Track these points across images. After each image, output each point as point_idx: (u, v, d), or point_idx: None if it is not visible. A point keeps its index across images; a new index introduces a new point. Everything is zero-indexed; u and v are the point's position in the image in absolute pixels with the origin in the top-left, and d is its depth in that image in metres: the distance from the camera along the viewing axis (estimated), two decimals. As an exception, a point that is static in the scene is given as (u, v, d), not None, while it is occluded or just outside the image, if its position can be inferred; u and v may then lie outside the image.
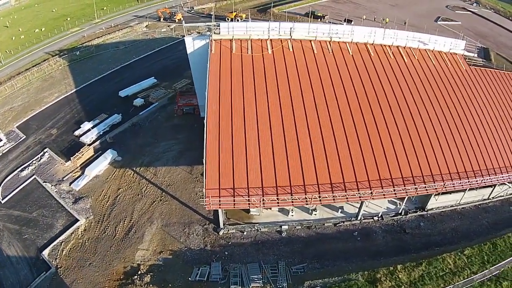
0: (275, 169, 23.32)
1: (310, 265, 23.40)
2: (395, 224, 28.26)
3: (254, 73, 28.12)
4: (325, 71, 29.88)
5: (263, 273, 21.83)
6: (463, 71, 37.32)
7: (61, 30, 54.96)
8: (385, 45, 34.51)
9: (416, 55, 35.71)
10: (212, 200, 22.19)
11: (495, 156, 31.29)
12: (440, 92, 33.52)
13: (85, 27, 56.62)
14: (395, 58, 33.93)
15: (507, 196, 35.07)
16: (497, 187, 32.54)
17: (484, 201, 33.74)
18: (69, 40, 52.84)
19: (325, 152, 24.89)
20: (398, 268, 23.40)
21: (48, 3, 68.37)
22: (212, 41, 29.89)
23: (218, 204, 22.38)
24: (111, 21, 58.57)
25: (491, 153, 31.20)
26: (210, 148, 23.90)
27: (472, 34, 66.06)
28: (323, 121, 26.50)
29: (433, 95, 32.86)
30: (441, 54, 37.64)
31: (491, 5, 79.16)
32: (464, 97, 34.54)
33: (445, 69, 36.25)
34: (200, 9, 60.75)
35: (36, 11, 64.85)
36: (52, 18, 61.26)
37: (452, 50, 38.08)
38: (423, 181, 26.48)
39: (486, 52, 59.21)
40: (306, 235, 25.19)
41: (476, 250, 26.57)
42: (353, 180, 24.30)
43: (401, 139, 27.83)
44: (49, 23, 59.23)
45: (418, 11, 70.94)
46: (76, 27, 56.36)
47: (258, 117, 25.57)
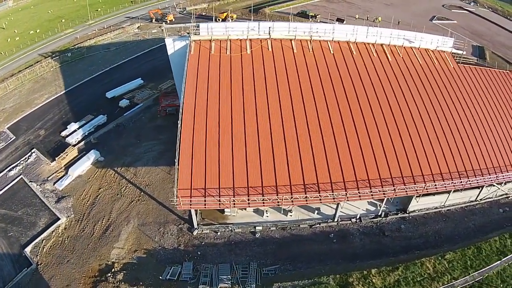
0: (247, 170, 23.60)
1: (282, 266, 23.50)
2: (374, 227, 28.03)
3: (231, 74, 28.48)
4: (303, 70, 30.02)
5: (234, 274, 22.11)
6: (451, 69, 36.87)
7: (55, 32, 56.00)
8: (368, 43, 34.26)
9: (401, 53, 35.30)
10: (183, 200, 22.60)
11: (482, 156, 30.81)
12: (425, 90, 33.09)
13: (78, 28, 57.57)
14: (378, 57, 33.75)
15: (497, 198, 34.03)
16: (484, 189, 32.01)
17: (472, 203, 33.06)
18: (63, 42, 53.79)
19: (299, 153, 25.02)
20: (373, 272, 22.99)
21: (45, 5, 69.62)
22: (192, 42, 30.35)
23: (189, 204, 22.76)
24: (104, 22, 59.46)
25: (478, 153, 30.77)
26: (183, 148, 24.31)
27: (468, 33, 65.49)
28: (299, 121, 26.65)
29: (417, 93, 32.51)
30: (428, 52, 37.21)
31: (489, 5, 78.33)
32: (450, 95, 34.04)
33: (431, 67, 35.89)
34: (193, 10, 61.13)
35: (33, 13, 66.09)
36: (48, 19, 62.37)
37: (439, 48, 37.63)
38: (402, 182, 26.10)
39: (481, 50, 59.10)
40: (280, 236, 25.33)
41: (459, 255, 25.87)
42: (328, 181, 24.29)
43: (380, 139, 27.70)
44: (44, 24, 60.35)
45: (413, 10, 70.48)
46: (70, 29, 57.34)
47: (233, 118, 25.89)
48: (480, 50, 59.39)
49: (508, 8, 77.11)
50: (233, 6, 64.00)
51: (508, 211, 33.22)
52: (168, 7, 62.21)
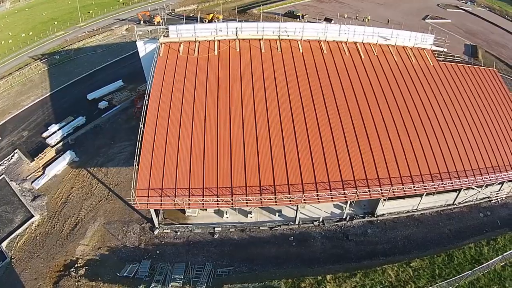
0: (203, 172, 24.58)
1: (237, 268, 24.14)
2: (338, 230, 27.95)
3: (196, 75, 29.45)
4: (270, 70, 30.51)
5: (187, 273, 23.09)
6: (430, 66, 36.48)
7: (46, 34, 58.14)
8: (340, 41, 34.34)
9: (375, 51, 35.15)
10: (140, 200, 23.79)
11: (459, 158, 30.40)
12: (398, 88, 32.76)
13: (69, 30, 59.63)
14: (350, 55, 33.79)
15: (477, 201, 33.24)
16: (463, 192, 31.44)
17: (449, 207, 32.35)
18: (53, 44, 55.87)
19: (257, 154, 25.70)
20: (328, 278, 22.65)
21: (39, 7, 72.17)
22: (161, 44, 31.48)
23: (146, 204, 23.92)
24: (95, 24, 61.38)
25: (455, 155, 30.38)
26: (144, 150, 25.48)
27: (462, 32, 65.12)
28: (260, 122, 27.26)
29: (389, 92, 32.13)
30: (406, 49, 36.91)
31: (486, 4, 77.47)
32: (427, 94, 33.58)
33: (408, 64, 35.64)
34: (182, 11, 62.44)
35: (27, 15, 68.61)
36: (41, 22, 64.70)
37: (418, 45, 37.26)
38: (366, 185, 26.07)
39: (474, 49, 58.65)
40: (239, 238, 26.06)
41: (427, 262, 24.89)
42: (285, 183, 24.78)
43: (345, 139, 27.67)
44: (37, 27, 62.64)
45: (406, 10, 70.34)
46: (62, 31, 59.43)
47: (194, 119, 26.83)
48: (473, 49, 59.09)
49: (506, 7, 76.31)
50: (222, 7, 65.07)
51: (490, 215, 32.59)
52: (157, 9, 63.66)
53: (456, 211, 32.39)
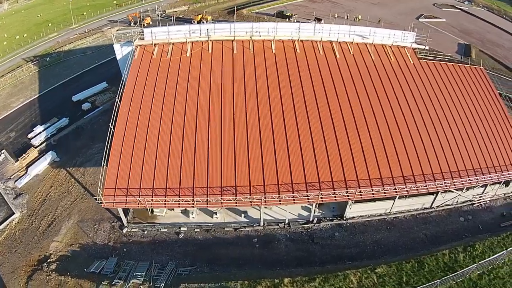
0: (167, 172, 26.03)
1: (198, 268, 25.21)
2: (304, 233, 28.36)
3: (167, 77, 30.93)
4: (240, 71, 31.66)
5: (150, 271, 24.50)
6: (410, 64, 36.74)
7: (40, 36, 60.64)
8: (315, 40, 34.99)
9: (351, 49, 35.58)
10: (107, 199, 25.42)
11: (436, 159, 30.34)
12: (373, 88, 32.95)
13: (62, 32, 62.07)
14: (324, 54, 34.42)
15: (458, 205, 32.97)
16: (441, 195, 30.97)
17: (426, 211, 31.96)
18: (46, 46, 58.31)
19: (221, 156, 26.87)
20: (285, 282, 22.67)
21: (36, 8, 75.05)
22: (136, 46, 33.07)
23: (112, 203, 25.54)
24: (87, 26, 63.67)
25: (432, 155, 30.34)
26: (113, 150, 27.08)
27: (457, 31, 65.30)
28: (226, 124, 28.38)
29: (363, 91, 32.37)
30: (385, 47, 37.26)
31: (485, 4, 77.27)
32: (404, 93, 33.58)
33: (386, 63, 35.99)
34: (172, 12, 64.20)
35: (23, 17, 71.47)
36: (36, 23, 67.35)
37: (398, 43, 37.63)
38: (331, 187, 26.60)
39: (467, 48, 58.79)
40: (203, 238, 27.26)
41: (394, 269, 24.21)
42: (247, 184, 25.97)
43: (312, 140, 28.17)
44: (32, 28, 65.28)
45: (401, 9, 70.76)
46: (55, 33, 61.89)
47: (162, 120, 28.28)
48: (466, 48, 59.22)
49: (505, 7, 76.09)
50: (213, 8, 66.66)
51: (471, 219, 32.31)
52: (148, 11, 65.62)
53: (434, 214, 31.81)
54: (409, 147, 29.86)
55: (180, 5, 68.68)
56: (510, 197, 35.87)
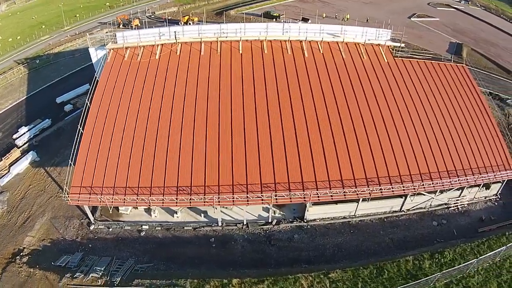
0: (128, 171, 28.39)
1: (155, 265, 26.82)
2: (262, 234, 29.36)
3: (136, 79, 33.29)
4: (205, 72, 33.53)
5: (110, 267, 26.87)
6: (383, 63, 37.44)
7: (32, 38, 64.35)
8: (284, 40, 36.27)
9: (321, 48, 36.60)
10: (72, 197, 28.05)
11: (405, 160, 30.68)
12: (341, 87, 33.74)
13: (54, 35, 65.62)
14: (293, 54, 35.63)
15: (432, 208, 33.08)
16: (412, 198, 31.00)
17: (395, 214, 32.08)
18: (37, 48, 61.90)
19: (179, 155, 28.88)
20: (233, 282, 23.30)
21: (31, 10, 79.18)
22: (109, 50, 35.60)
23: (77, 200, 28.15)
24: (78, 28, 67.09)
25: (400, 156, 30.66)
26: (81, 150, 29.63)
27: (450, 30, 66.05)
28: (186, 124, 30.37)
29: (330, 91, 33.21)
30: (358, 46, 37.97)
31: (482, 3, 77.64)
32: (375, 92, 34.18)
33: (358, 61, 36.71)
34: (162, 14, 66.99)
35: (19, 18, 75.55)
36: (31, 25, 71.22)
37: (372, 41, 38.35)
38: (287, 188, 27.73)
39: (458, 47, 59.62)
40: (163, 237, 29.28)
41: (349, 274, 23.92)
42: (202, 184, 27.76)
43: (271, 140, 29.43)
44: (26, 31, 69.11)
45: (394, 9, 71.95)
46: (47, 35, 65.51)
47: (127, 121, 30.58)
48: (458, 47, 59.97)
49: (503, 7, 76.34)
50: (203, 9, 69.09)
51: (445, 224, 32.24)
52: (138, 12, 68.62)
53: (404, 218, 31.77)
54: (375, 148, 30.42)
55: (170, 6, 71.45)
56: (492, 200, 35.63)
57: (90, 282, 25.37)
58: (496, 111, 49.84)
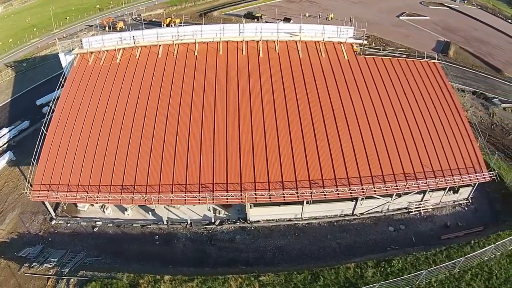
0: (81, 170, 32.45)
1: (103, 260, 29.89)
2: (204, 234, 31.63)
3: (96, 83, 37.46)
4: (160, 74, 37.06)
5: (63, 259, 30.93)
6: (343, 61, 38.86)
7: (23, 41, 70.61)
8: (240, 41, 38.73)
9: (277, 48, 38.65)
10: (34, 194, 32.70)
11: (355, 162, 31.47)
12: (293, 87, 35.42)
13: (44, 37, 71.65)
14: (247, 54, 38.03)
15: (390, 212, 33.43)
16: (368, 201, 31.71)
17: (346, 218, 32.52)
18: (27, 51, 67.97)
19: (127, 155, 32.50)
20: (165, 279, 25.08)
21: (26, 12, 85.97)
22: (76, 55, 40.06)
23: (38, 197, 32.75)
24: (67, 31, 72.86)
25: (350, 158, 31.42)
26: (44, 150, 34.06)
27: (439, 28, 67.78)
28: (137, 124, 33.98)
29: (281, 91, 35.06)
30: (318, 44, 39.68)
31: (479, 2, 78.74)
32: (329, 90, 35.61)
33: (315, 60, 38.38)
34: (147, 16, 71.92)
35: (13, 21, 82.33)
36: (23, 28, 77.65)
37: (332, 39, 39.96)
38: (225, 189, 29.64)
39: (446, 45, 61.37)
40: (113, 233, 32.81)
41: (282, 278, 24.39)
42: (144, 183, 31.01)
43: (214, 143, 31.85)
44: (19, 33, 75.55)
45: (383, 8, 74.25)
46: (37, 38, 71.61)
47: (84, 123, 34.74)
48: (445, 45, 61.59)
49: (501, 6, 77.19)
50: (188, 10, 73.60)
51: (404, 230, 32.42)
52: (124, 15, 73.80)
53: (357, 223, 32.24)
54: (322, 149, 31.62)
55: (157, 8, 76.31)
56: (462, 205, 36.03)
57: (43, 272, 29.70)
58: (480, 110, 51.30)
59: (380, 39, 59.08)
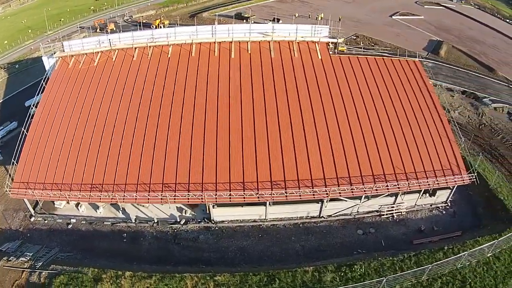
0: (56, 169, 35.52)
1: (74, 255, 32.43)
2: (169, 232, 33.63)
3: (74, 85, 40.66)
4: (133, 76, 40.07)
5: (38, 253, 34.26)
6: (316, 60, 40.28)
7: (18, 43, 75.05)
8: (213, 42, 41.09)
9: (249, 48, 40.48)
10: (13, 191, 36.06)
11: (321, 163, 32.15)
12: (262, 88, 37.01)
13: (37, 39, 75.93)
14: (219, 56, 40.20)
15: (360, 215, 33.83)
16: (336, 203, 32.52)
17: (313, 220, 32.95)
18: (21, 53, 72.29)
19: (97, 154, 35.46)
20: (126, 275, 27.10)
21: (23, 14, 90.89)
22: (58, 58, 43.37)
23: (16, 194, 36.10)
24: (60, 32, 76.77)
25: (315, 159, 32.17)
26: (24, 150, 37.38)
27: (433, 28, 69.31)
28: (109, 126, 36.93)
29: (249, 92, 36.74)
30: (291, 44, 41.13)
31: (477, 2, 79.93)
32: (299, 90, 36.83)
33: (286, 60, 39.79)
34: (139, 17, 75.47)
35: (10, 22, 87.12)
36: (19, 29, 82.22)
37: (306, 39, 41.37)
38: (187, 189, 31.51)
39: (438, 45, 62.87)
40: (85, 230, 35.76)
41: (237, 279, 25.30)
42: (111, 183, 33.75)
43: (179, 144, 34.05)
44: (15, 35, 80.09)
45: (376, 8, 75.98)
46: (31, 40, 75.95)
47: (61, 124, 37.89)
48: (437, 44, 62.90)
49: (499, 6, 78.21)
50: (180, 11, 76.85)
51: (373, 233, 32.80)
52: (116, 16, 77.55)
53: (324, 225, 32.69)
54: (287, 149, 32.87)
55: (149, 9, 79.83)
56: (439, 208, 36.28)
57: (19, 265, 32.91)
58: (469, 110, 52.32)
59: (369, 39, 60.72)
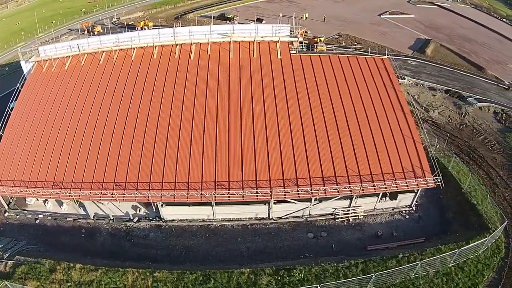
0: (25, 167, 39.96)
1: (38, 248, 35.58)
2: (123, 229, 36.79)
3: (46, 88, 45.37)
4: (97, 79, 44.26)
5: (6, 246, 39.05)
6: (275, 60, 42.66)
7: (10, 46, 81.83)
8: (174, 44, 44.48)
9: (209, 50, 43.44)
10: (-15, 188, 41.34)
11: (267, 164, 33.87)
12: (216, 90, 39.97)
13: (28, 42, 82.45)
14: (179, 57, 43.85)
15: (312, 218, 35.06)
16: (285, 205, 34.17)
17: (262, 221, 34.37)
18: (12, 55, 78.83)
19: (60, 152, 39.65)
20: (76, 267, 30.04)
21: (18, 16, 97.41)
22: (34, 62, 48.44)
23: (-13, 191, 41.33)
24: (50, 35, 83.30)
25: (262, 159, 34.04)
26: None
27: (422, 26, 71.76)
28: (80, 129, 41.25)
29: (203, 92, 39.90)
30: (251, 44, 43.81)
31: (473, 1, 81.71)
32: (252, 91, 39.21)
33: (245, 60, 42.36)
34: (126, 19, 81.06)
35: (5, 24, 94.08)
36: (13, 32, 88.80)
37: (266, 38, 43.85)
38: (135, 188, 34.46)
39: (425, 43, 65.36)
40: (50, 225, 39.75)
41: (174, 277, 27.11)
42: (70, 181, 37.46)
43: (132, 143, 37.48)
44: (8, 37, 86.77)
45: (366, 7, 78.72)
46: (22, 42, 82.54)
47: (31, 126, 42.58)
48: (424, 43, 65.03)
49: (497, 5, 79.81)
50: (167, 13, 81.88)
51: (325, 237, 33.46)
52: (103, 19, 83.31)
53: (273, 227, 34.22)
54: (233, 150, 34.88)
55: (137, 11, 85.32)
56: (402, 212, 37.12)
57: (-11, 256, 38.07)
58: (450, 109, 54.09)
59: (353, 38, 63.43)
